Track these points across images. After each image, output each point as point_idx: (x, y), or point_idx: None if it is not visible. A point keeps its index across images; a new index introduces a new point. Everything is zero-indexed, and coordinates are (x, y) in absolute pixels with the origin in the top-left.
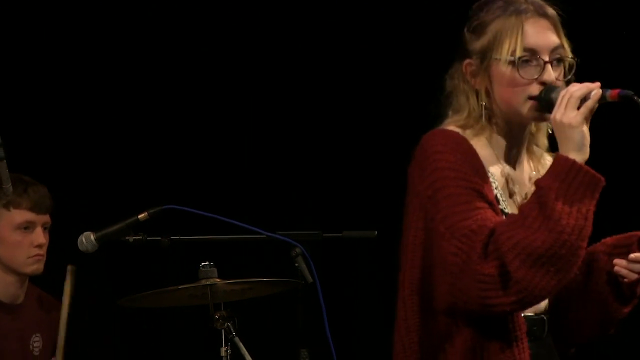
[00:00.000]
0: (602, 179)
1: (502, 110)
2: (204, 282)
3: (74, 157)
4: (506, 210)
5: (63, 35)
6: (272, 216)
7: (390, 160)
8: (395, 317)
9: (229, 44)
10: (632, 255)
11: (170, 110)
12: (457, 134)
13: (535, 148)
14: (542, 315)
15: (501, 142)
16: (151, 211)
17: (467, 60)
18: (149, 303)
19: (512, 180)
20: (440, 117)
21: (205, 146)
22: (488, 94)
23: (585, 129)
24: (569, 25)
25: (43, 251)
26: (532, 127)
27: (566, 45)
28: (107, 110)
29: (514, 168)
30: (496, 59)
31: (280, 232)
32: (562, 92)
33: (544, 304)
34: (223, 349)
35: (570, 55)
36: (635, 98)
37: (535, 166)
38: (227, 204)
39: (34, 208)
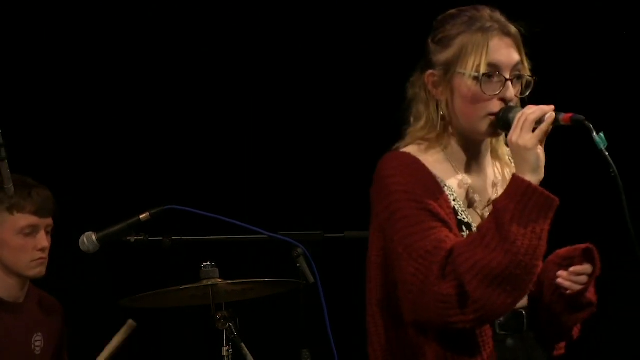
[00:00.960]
0: (556, 199)
1: (460, 123)
2: (205, 282)
3: (75, 157)
4: (466, 221)
5: (64, 35)
6: (273, 216)
7: None
8: (367, 331)
9: (229, 44)
10: (572, 269)
11: (171, 111)
12: (409, 155)
13: (499, 155)
14: (521, 310)
15: (459, 153)
16: (153, 211)
17: (430, 71)
18: (150, 303)
19: (472, 189)
20: (404, 123)
21: (206, 147)
22: (447, 105)
23: (541, 150)
24: (532, 43)
25: (46, 254)
26: (488, 141)
27: (526, 63)
28: (108, 111)
29: (475, 176)
30: (460, 72)
31: (281, 233)
32: (519, 114)
33: (524, 299)
34: (224, 349)
35: (528, 73)
36: (586, 123)
37: (501, 170)
38: (228, 204)
39: (38, 212)
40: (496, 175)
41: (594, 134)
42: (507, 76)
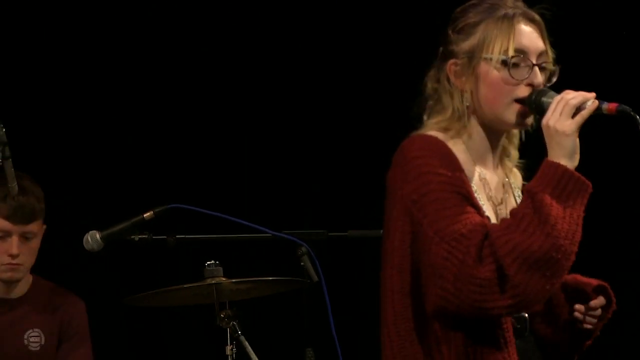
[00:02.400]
0: (590, 184)
1: (485, 112)
2: (209, 281)
3: (79, 156)
4: (486, 214)
5: (64, 35)
6: (277, 215)
7: None
8: (381, 321)
9: (231, 44)
10: (592, 303)
11: (175, 109)
12: (436, 138)
13: (505, 160)
14: (524, 314)
15: (478, 146)
16: (157, 210)
17: (452, 60)
18: (154, 302)
19: (488, 184)
20: (420, 119)
21: (210, 145)
22: (472, 94)
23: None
24: (558, 30)
25: (17, 261)
26: (504, 137)
27: (550, 53)
28: (113, 110)
29: (491, 172)
30: (486, 58)
31: (285, 231)
32: (557, 98)
33: None
34: (228, 348)
35: (552, 63)
36: (633, 113)
37: (507, 175)
38: (232, 203)
39: (10, 217)
40: (505, 176)
41: None
42: (534, 62)
